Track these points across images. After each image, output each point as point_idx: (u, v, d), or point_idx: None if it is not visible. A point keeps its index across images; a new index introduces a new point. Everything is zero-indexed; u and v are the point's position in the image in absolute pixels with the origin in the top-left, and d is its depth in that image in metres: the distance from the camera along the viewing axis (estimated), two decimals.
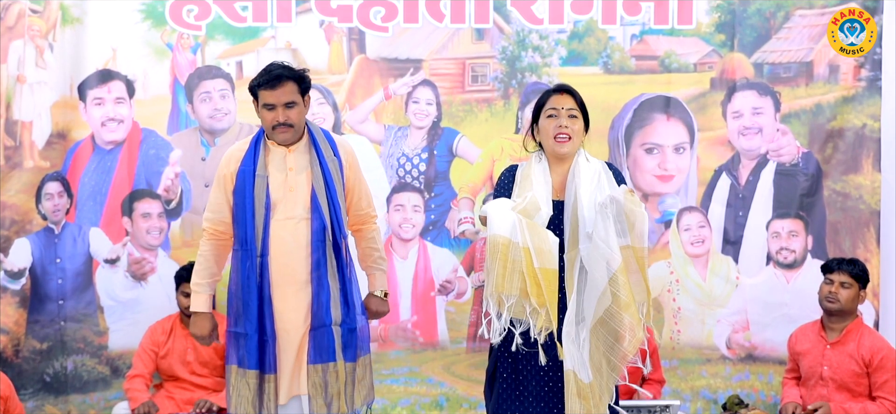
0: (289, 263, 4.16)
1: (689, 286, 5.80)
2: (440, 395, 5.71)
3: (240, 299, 4.18)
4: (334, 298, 4.16)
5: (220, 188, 4.27)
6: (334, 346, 4.14)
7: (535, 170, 4.09)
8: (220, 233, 4.30)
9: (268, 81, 4.14)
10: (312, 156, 4.22)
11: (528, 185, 4.04)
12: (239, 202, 4.19)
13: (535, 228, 3.93)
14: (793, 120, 5.77)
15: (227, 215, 4.26)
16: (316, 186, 4.17)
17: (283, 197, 4.18)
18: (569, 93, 4.10)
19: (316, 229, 4.15)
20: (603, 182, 4.00)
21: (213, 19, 5.70)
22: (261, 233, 4.14)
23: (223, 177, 4.25)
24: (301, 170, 4.20)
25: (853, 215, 5.74)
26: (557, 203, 4.03)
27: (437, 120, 5.78)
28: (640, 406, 4.90)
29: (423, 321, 5.76)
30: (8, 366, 5.55)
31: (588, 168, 4.04)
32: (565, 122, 4.04)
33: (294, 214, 4.17)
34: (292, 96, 4.16)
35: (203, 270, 4.32)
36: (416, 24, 5.74)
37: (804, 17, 5.78)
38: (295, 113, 4.17)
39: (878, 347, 4.99)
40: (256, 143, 4.23)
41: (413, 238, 5.76)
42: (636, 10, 5.77)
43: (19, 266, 5.65)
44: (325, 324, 4.14)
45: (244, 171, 4.19)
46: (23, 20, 5.63)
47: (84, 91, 5.67)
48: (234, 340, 4.21)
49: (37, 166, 5.66)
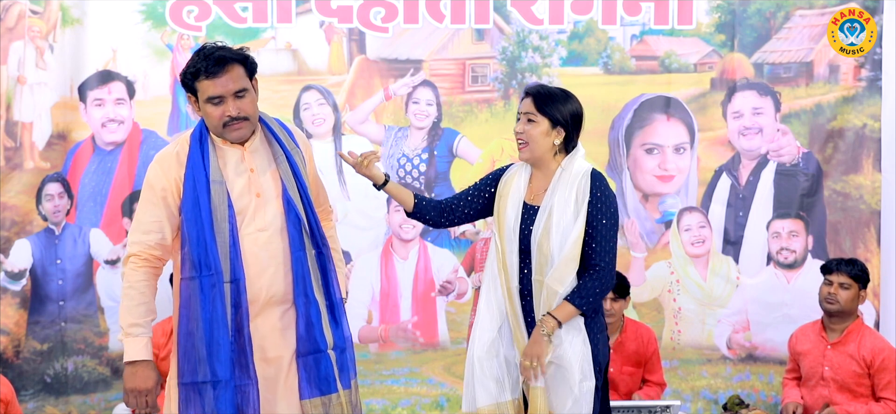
0: (268, 283, 3.45)
1: (689, 286, 5.80)
2: (440, 395, 5.71)
3: (203, 340, 3.38)
4: (324, 316, 3.49)
5: (156, 204, 3.44)
6: (333, 374, 3.48)
7: (516, 175, 3.88)
8: (157, 258, 3.48)
9: (208, 68, 3.37)
10: (275, 150, 3.52)
11: (506, 188, 3.86)
12: (192, 217, 3.39)
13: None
14: (793, 120, 5.77)
15: (169, 236, 3.47)
16: (287, 186, 3.48)
17: (251, 205, 3.45)
18: (531, 95, 3.79)
19: (293, 237, 3.46)
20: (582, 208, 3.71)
21: (213, 20, 5.70)
22: (228, 252, 3.39)
23: (163, 189, 3.44)
24: (264, 169, 3.49)
25: (853, 215, 5.74)
26: (531, 208, 3.80)
27: (438, 120, 5.78)
28: (640, 406, 4.90)
29: (424, 322, 5.76)
30: (8, 367, 5.55)
31: (568, 181, 3.75)
32: (520, 127, 3.77)
33: (266, 225, 3.46)
34: (241, 82, 3.41)
35: (136, 305, 3.44)
36: (416, 24, 5.74)
37: (804, 17, 5.78)
38: (248, 102, 3.42)
39: (879, 347, 4.99)
40: (201, 143, 3.44)
41: (413, 239, 5.76)
42: (636, 11, 5.77)
43: (20, 267, 5.65)
44: (319, 349, 3.46)
45: (194, 179, 3.40)
46: (23, 21, 5.63)
47: (84, 92, 5.68)
48: (193, 393, 3.40)
49: (37, 167, 5.66)
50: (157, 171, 3.47)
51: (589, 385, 3.72)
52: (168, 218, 3.46)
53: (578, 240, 3.70)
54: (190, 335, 3.42)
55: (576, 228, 3.70)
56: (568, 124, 3.79)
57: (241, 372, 3.42)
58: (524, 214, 3.80)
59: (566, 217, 3.71)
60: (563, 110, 3.79)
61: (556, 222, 3.71)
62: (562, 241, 3.69)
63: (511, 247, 3.79)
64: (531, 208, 3.80)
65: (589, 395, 3.74)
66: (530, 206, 3.80)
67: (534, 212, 3.78)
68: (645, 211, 5.80)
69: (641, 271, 5.76)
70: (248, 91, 3.44)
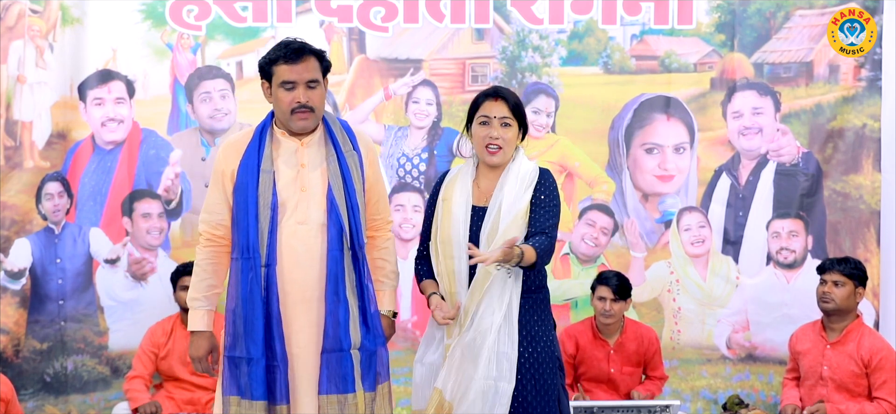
0: (301, 276, 3.58)
1: (689, 286, 5.80)
2: None
3: (241, 318, 3.57)
4: (353, 316, 3.58)
5: (217, 186, 3.67)
6: (353, 373, 3.57)
7: (459, 178, 3.84)
8: (219, 238, 3.69)
9: (288, 55, 3.56)
10: (329, 150, 3.63)
11: (449, 193, 3.80)
12: (240, 202, 3.58)
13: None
14: (793, 120, 5.77)
15: (227, 218, 3.66)
16: (333, 185, 3.59)
17: (294, 197, 3.59)
18: (502, 98, 3.76)
19: (332, 236, 3.57)
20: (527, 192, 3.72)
21: (213, 19, 5.70)
22: (266, 238, 3.55)
23: (221, 173, 3.65)
24: (315, 166, 3.62)
25: (853, 215, 5.74)
26: (479, 209, 3.76)
27: (438, 120, 5.78)
28: (639, 406, 4.90)
29: (424, 321, 5.75)
30: (8, 366, 5.55)
31: (518, 175, 3.74)
32: (496, 131, 3.73)
33: (307, 219, 3.58)
34: (315, 73, 3.58)
35: (200, 281, 3.70)
36: (416, 24, 5.74)
37: (804, 17, 5.78)
38: (317, 95, 3.59)
39: (877, 347, 4.99)
40: (262, 134, 3.63)
41: (413, 238, 5.75)
42: (636, 10, 5.77)
43: (19, 266, 5.65)
44: (342, 348, 3.56)
45: (247, 166, 3.59)
46: (23, 20, 5.63)
47: (84, 91, 5.67)
48: (234, 366, 3.59)
49: (37, 166, 5.66)
50: (219, 157, 3.69)
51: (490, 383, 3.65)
52: (225, 201, 3.66)
53: (521, 216, 3.69)
54: (232, 313, 3.61)
55: (519, 206, 3.69)
56: (525, 125, 3.83)
57: (271, 353, 3.55)
58: (472, 217, 3.76)
59: (514, 205, 3.70)
60: (523, 111, 3.83)
61: (506, 212, 3.69)
62: (506, 224, 3.67)
63: (459, 253, 3.72)
64: (479, 210, 3.77)
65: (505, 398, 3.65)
66: (478, 207, 3.77)
67: (481, 212, 3.75)
68: (645, 211, 5.81)
69: (641, 271, 5.77)
70: (320, 84, 3.61)
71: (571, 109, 5.73)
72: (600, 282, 5.22)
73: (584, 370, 5.26)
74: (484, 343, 3.65)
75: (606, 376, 5.23)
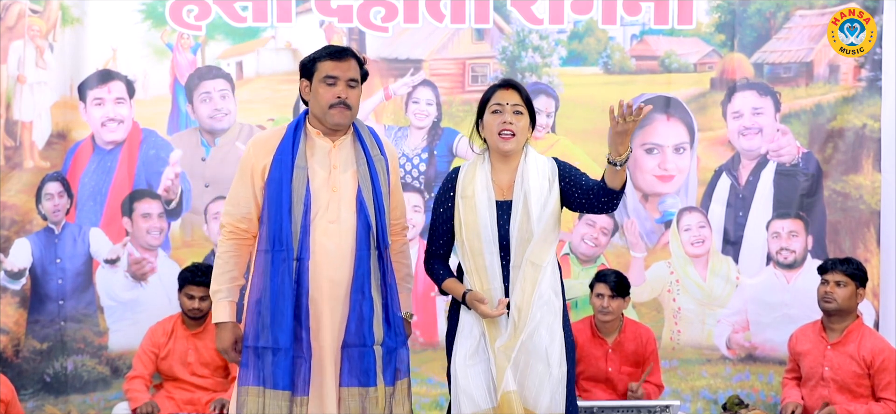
0: (332, 273, 3.69)
1: (689, 286, 5.80)
2: (440, 395, 5.71)
3: (268, 309, 3.66)
4: (377, 314, 3.72)
5: (246, 180, 3.76)
6: (375, 368, 3.70)
7: (477, 173, 3.91)
8: (243, 231, 3.79)
9: (332, 53, 3.74)
10: (358, 152, 3.79)
11: (470, 190, 3.88)
12: (274, 196, 3.68)
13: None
14: (793, 120, 5.78)
15: (254, 211, 3.76)
16: (362, 187, 3.74)
17: (326, 196, 3.72)
18: (514, 88, 3.88)
19: (361, 236, 3.72)
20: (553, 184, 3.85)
21: (213, 19, 5.70)
22: (299, 233, 3.67)
23: (252, 168, 3.75)
24: (346, 167, 3.76)
25: (853, 215, 5.75)
26: (503, 203, 3.86)
27: (438, 120, 5.78)
28: (639, 406, 4.90)
29: (423, 321, 5.76)
30: (8, 366, 5.55)
31: (537, 169, 3.87)
32: (509, 118, 3.82)
33: (338, 218, 3.71)
34: (355, 74, 3.76)
35: (222, 273, 3.79)
36: (416, 24, 5.74)
37: (804, 17, 5.78)
38: (355, 95, 3.76)
39: (879, 348, 4.99)
40: (295, 131, 3.75)
41: (413, 238, 5.76)
42: (636, 11, 5.77)
43: (19, 266, 5.65)
44: (365, 343, 3.69)
45: (281, 161, 3.70)
46: (23, 20, 5.63)
47: (84, 91, 5.68)
48: (256, 356, 3.67)
49: (37, 166, 5.66)
50: (250, 153, 3.78)
51: (564, 370, 3.80)
52: (253, 195, 3.76)
53: (555, 212, 3.84)
54: (258, 303, 3.69)
55: (551, 201, 3.82)
56: (534, 117, 3.95)
57: (298, 345, 3.67)
58: (498, 212, 3.85)
59: (541, 199, 3.82)
60: (533, 106, 3.94)
61: (534, 206, 3.79)
62: (539, 218, 3.78)
63: (489, 248, 3.82)
64: (503, 203, 3.86)
65: (564, 381, 3.81)
66: (501, 201, 3.87)
67: (506, 206, 3.85)
68: (645, 211, 5.81)
69: (641, 271, 5.77)
70: (358, 86, 3.78)
71: (571, 109, 5.73)
72: (598, 279, 5.23)
73: (583, 369, 5.26)
74: (544, 339, 3.77)
75: (604, 375, 5.23)
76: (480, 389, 3.82)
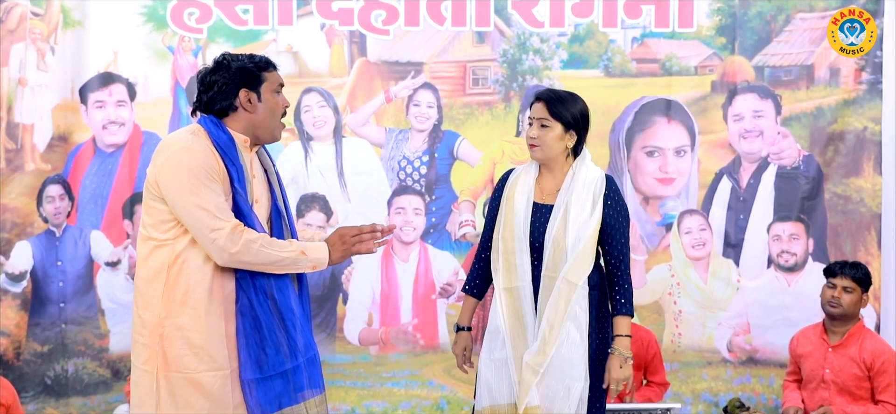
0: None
1: (689, 289, 5.80)
2: (441, 398, 5.71)
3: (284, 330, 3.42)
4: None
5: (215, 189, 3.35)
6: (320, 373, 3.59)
7: (524, 176, 3.98)
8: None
9: (270, 63, 3.54)
10: (265, 162, 3.61)
11: (512, 191, 3.95)
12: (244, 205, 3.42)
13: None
14: (793, 123, 5.78)
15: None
16: (276, 196, 3.57)
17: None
18: (544, 100, 3.90)
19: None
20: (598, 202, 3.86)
21: (214, 22, 5.71)
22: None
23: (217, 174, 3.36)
24: (261, 178, 3.56)
25: (854, 218, 5.74)
26: (543, 207, 3.90)
27: (438, 123, 5.78)
28: (640, 409, 4.90)
29: (424, 324, 5.76)
30: (9, 369, 5.55)
31: (584, 181, 3.88)
32: (535, 132, 3.87)
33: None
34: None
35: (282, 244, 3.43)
36: (416, 27, 5.74)
37: (805, 20, 5.78)
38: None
39: (879, 350, 4.99)
40: (231, 139, 3.43)
41: (414, 241, 5.76)
42: (637, 13, 5.77)
43: (20, 269, 5.65)
44: (313, 347, 3.54)
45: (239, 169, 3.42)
46: (24, 23, 5.64)
47: (85, 94, 5.68)
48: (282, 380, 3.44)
49: (38, 169, 5.67)
50: (208, 158, 3.35)
51: (587, 386, 3.83)
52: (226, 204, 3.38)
53: (595, 234, 3.85)
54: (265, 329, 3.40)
55: (592, 223, 3.83)
56: (579, 126, 3.93)
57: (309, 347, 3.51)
58: (535, 213, 3.89)
59: (583, 214, 3.83)
60: (574, 112, 3.92)
61: (574, 219, 3.82)
62: (577, 237, 3.81)
63: (521, 246, 3.87)
64: (543, 207, 3.90)
65: (587, 396, 3.84)
66: (541, 205, 3.91)
67: (546, 211, 3.89)
68: (645, 214, 5.81)
69: (642, 274, 5.77)
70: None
71: None
72: None
73: None
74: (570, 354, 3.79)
75: None
76: (502, 386, 3.88)
